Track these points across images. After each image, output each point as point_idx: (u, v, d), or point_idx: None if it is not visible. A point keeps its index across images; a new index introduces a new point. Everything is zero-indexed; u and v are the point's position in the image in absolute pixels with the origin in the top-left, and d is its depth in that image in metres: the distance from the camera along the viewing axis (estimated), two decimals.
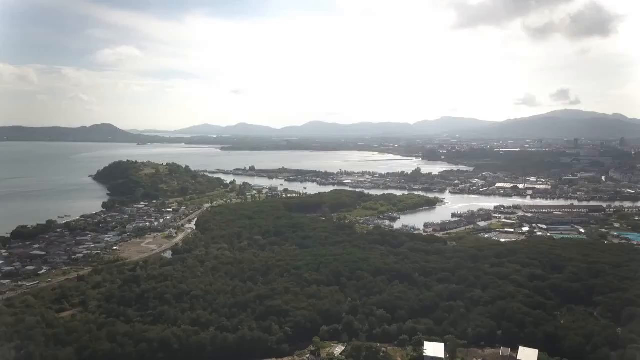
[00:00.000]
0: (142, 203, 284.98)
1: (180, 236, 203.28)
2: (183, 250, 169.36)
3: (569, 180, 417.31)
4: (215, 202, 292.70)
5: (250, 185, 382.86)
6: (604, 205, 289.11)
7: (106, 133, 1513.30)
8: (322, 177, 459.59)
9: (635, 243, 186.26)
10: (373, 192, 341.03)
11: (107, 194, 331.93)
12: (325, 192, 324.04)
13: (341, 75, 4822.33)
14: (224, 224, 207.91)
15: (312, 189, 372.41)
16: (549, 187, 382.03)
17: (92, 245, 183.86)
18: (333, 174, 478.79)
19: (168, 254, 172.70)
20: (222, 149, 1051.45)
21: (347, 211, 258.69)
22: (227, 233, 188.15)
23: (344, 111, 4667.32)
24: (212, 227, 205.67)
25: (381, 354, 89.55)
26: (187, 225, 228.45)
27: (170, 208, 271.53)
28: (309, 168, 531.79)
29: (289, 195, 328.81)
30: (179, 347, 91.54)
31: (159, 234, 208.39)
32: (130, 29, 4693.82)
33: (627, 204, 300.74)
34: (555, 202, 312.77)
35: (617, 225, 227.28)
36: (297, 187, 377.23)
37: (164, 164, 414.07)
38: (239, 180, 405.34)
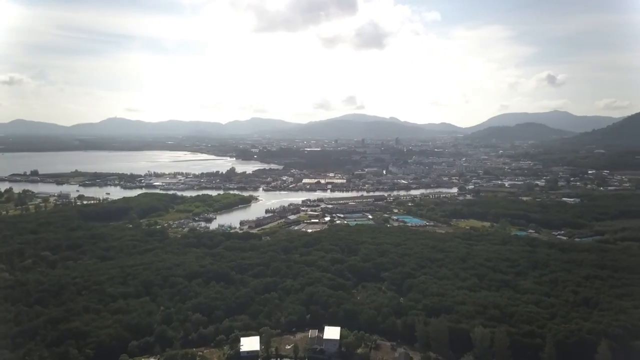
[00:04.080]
0: None
1: None
2: None
3: (359, 174, 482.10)
4: None
5: (33, 193, 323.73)
6: (386, 194, 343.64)
7: None
8: (127, 179, 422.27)
9: (410, 225, 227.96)
10: (187, 193, 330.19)
11: None
12: (131, 197, 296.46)
13: (142, 70, 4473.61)
14: None
15: (116, 193, 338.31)
16: (344, 181, 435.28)
17: None
18: (140, 176, 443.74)
19: None
20: None
21: (159, 215, 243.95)
22: (4, 251, 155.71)
23: (148, 108, 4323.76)
24: None
25: (197, 358, 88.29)
26: None
27: None
28: (111, 170, 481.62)
29: (85, 202, 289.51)
30: None
31: None
32: None
33: (402, 192, 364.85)
34: (349, 194, 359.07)
35: (395, 210, 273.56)
36: (97, 193, 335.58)
37: None
38: (18, 188, 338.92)
